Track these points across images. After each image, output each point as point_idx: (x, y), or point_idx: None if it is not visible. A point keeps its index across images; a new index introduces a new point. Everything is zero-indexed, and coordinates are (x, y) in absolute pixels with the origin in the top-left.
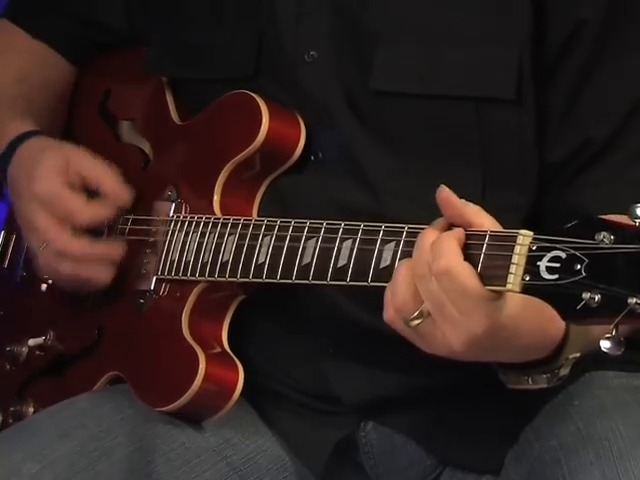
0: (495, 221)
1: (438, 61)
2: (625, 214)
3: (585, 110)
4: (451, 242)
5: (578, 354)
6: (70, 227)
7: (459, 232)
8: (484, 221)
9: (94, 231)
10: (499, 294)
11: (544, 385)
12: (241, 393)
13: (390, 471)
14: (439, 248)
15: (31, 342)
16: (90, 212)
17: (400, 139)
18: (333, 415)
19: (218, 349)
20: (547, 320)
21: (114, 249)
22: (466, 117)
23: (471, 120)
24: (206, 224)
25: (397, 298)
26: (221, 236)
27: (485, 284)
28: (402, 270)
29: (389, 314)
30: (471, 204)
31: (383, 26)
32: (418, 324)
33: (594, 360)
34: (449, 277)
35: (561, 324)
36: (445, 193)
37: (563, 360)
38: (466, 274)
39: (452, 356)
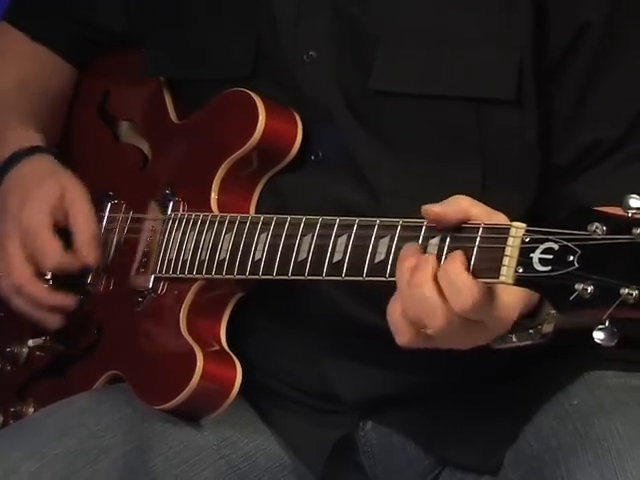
0: (485, 208)
1: (438, 61)
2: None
3: (593, 113)
4: (465, 278)
5: None
6: (35, 267)
7: (459, 258)
8: (476, 214)
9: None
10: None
11: (529, 341)
12: (239, 391)
13: (389, 471)
14: (455, 287)
15: (31, 343)
16: (56, 261)
17: (400, 139)
18: (332, 414)
19: (216, 347)
20: None
21: (67, 302)
22: (466, 117)
23: (471, 120)
24: (203, 222)
25: (410, 313)
26: (218, 234)
27: (478, 277)
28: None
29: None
30: (458, 202)
31: (383, 27)
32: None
33: (593, 359)
34: (477, 310)
35: None
36: (433, 212)
37: (545, 315)
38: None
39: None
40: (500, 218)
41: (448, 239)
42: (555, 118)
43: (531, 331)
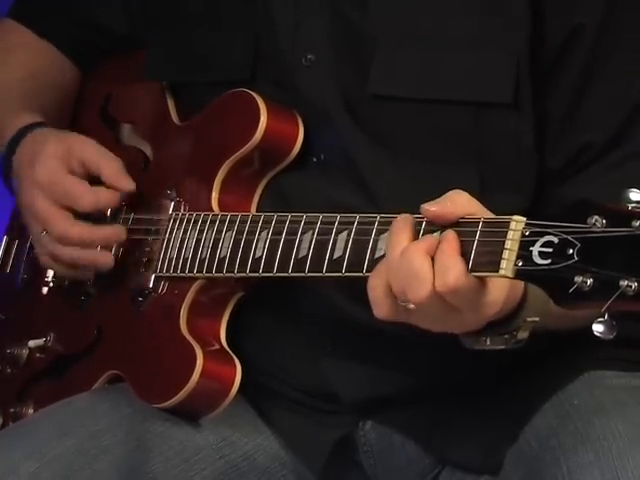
0: (481, 206)
1: (436, 65)
2: None
3: (585, 115)
4: (455, 258)
5: (537, 318)
6: (71, 212)
7: (453, 239)
8: (473, 210)
9: (96, 217)
10: (495, 284)
11: (502, 346)
12: (239, 390)
13: (389, 470)
14: (443, 265)
15: (31, 344)
16: (92, 197)
17: (398, 143)
18: (332, 414)
19: (216, 346)
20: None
21: (116, 233)
22: (464, 121)
23: (469, 124)
24: (204, 221)
25: (395, 284)
26: (219, 232)
27: (478, 270)
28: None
29: (386, 308)
30: (456, 199)
31: (381, 30)
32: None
33: (593, 359)
34: (457, 294)
35: (520, 286)
36: (431, 211)
37: (521, 322)
38: (472, 284)
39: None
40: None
41: None
42: (549, 121)
43: (506, 336)
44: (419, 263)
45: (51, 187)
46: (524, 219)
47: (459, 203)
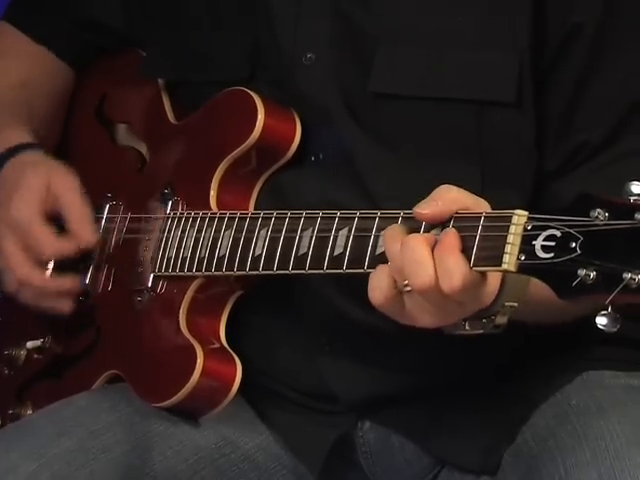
0: (472, 196)
1: (438, 64)
2: None
3: (582, 114)
4: (457, 258)
5: (515, 304)
6: (34, 257)
7: (454, 238)
8: (466, 203)
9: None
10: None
11: (480, 330)
12: (239, 389)
13: (388, 470)
14: (446, 266)
15: (29, 345)
16: (54, 248)
17: (399, 141)
18: (330, 414)
19: (216, 344)
20: None
21: (72, 284)
22: (465, 120)
23: (470, 123)
24: (203, 219)
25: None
26: (218, 231)
27: (481, 265)
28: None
29: (383, 294)
30: (445, 196)
31: (383, 28)
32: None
33: (591, 359)
34: (464, 292)
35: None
36: (424, 215)
37: (499, 307)
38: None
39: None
40: (482, 205)
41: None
42: (548, 119)
43: (484, 320)
44: (420, 250)
45: (20, 229)
46: (526, 213)
47: (450, 199)
